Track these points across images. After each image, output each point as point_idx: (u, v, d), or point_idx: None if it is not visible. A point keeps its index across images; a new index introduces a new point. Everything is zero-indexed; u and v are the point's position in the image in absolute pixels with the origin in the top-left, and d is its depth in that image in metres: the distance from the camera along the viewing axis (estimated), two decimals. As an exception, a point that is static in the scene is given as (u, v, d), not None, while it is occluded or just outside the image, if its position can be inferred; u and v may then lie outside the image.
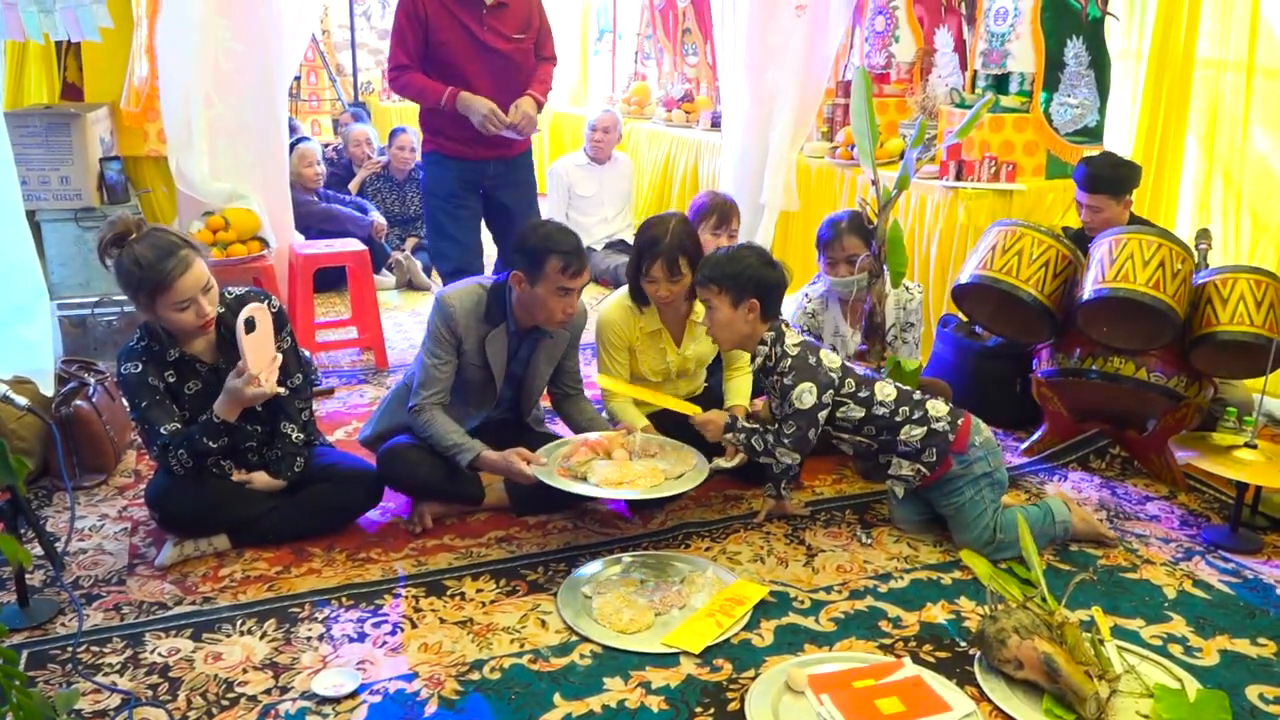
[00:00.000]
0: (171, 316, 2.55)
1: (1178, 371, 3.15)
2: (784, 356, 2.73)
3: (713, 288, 2.74)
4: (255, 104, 4.11)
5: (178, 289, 2.50)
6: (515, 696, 2.16)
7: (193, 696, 2.14)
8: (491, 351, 2.87)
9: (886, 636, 2.40)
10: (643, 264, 2.97)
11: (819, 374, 2.70)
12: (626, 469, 2.68)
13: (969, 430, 2.74)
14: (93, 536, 2.84)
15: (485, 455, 2.76)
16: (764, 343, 2.76)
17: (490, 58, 3.66)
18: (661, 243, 2.92)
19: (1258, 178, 3.98)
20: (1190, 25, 4.07)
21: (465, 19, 3.61)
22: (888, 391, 2.75)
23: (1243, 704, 2.17)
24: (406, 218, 6.13)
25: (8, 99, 4.06)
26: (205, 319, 2.58)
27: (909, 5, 5.27)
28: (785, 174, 5.03)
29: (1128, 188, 3.50)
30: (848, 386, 2.73)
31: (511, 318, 2.87)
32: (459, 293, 2.86)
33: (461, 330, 2.83)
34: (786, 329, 2.78)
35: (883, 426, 2.74)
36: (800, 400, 2.69)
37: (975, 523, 2.72)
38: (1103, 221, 3.49)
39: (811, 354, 2.74)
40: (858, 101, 3.29)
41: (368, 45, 9.59)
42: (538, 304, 2.77)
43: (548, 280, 2.72)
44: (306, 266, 4.31)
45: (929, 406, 2.74)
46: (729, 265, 2.73)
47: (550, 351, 2.99)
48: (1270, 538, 2.90)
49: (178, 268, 2.49)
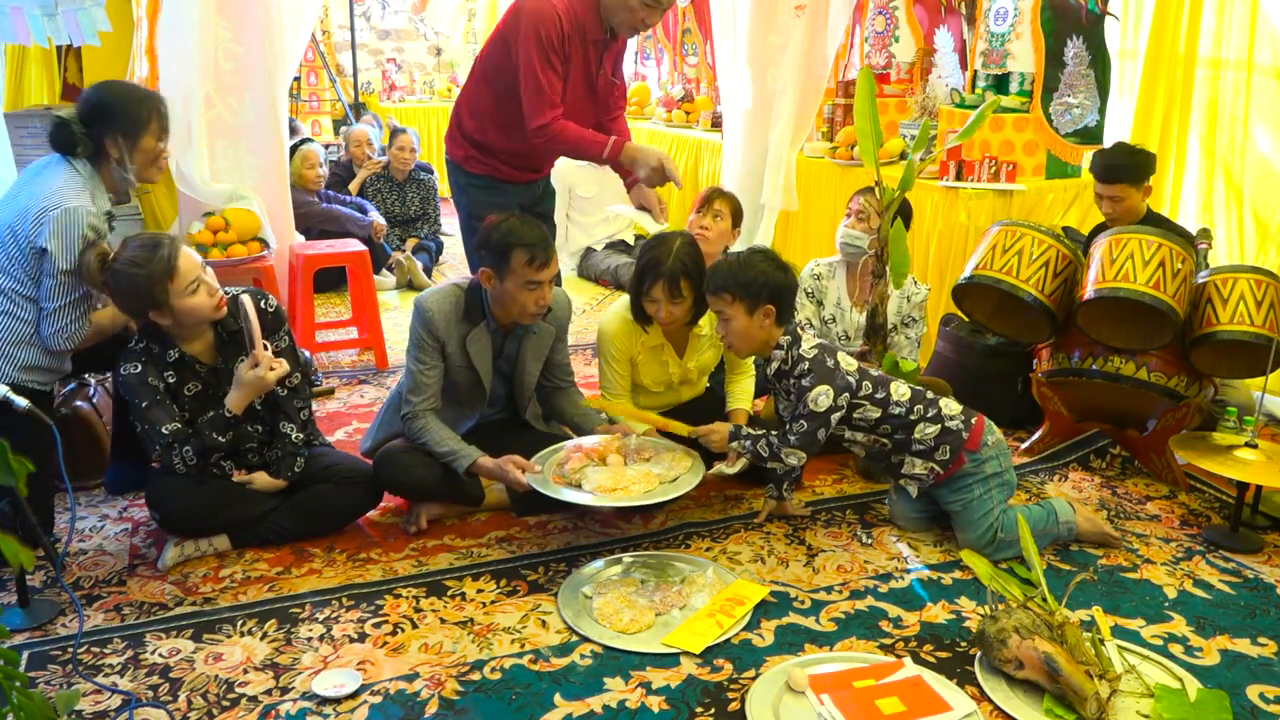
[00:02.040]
0: (188, 304, 2.56)
1: (1178, 371, 3.15)
2: (801, 360, 2.70)
3: (726, 296, 2.69)
4: (255, 105, 4.11)
5: (182, 270, 2.53)
6: (516, 697, 2.16)
7: (193, 697, 2.14)
8: (474, 351, 2.87)
9: (887, 636, 2.40)
10: (644, 283, 2.91)
11: (836, 377, 2.68)
12: (621, 475, 2.68)
13: (983, 429, 2.74)
14: (93, 537, 2.84)
15: (480, 462, 2.76)
16: (779, 346, 2.73)
17: (591, 100, 3.37)
18: (663, 264, 2.86)
19: (1259, 178, 3.98)
20: (1192, 24, 4.07)
21: (590, 56, 3.26)
22: (902, 391, 2.74)
23: (1243, 704, 2.17)
24: (407, 218, 6.13)
25: (8, 100, 4.07)
26: (217, 297, 2.62)
27: (909, 5, 5.27)
28: (785, 174, 5.04)
29: (1145, 174, 3.52)
30: (864, 389, 2.72)
31: (490, 315, 2.87)
32: (436, 296, 2.87)
33: (442, 332, 2.83)
34: (802, 331, 2.76)
35: (898, 426, 2.74)
36: (816, 403, 2.67)
37: (980, 521, 2.72)
38: (1125, 210, 3.51)
39: (829, 356, 2.71)
40: (862, 102, 3.29)
41: (368, 46, 9.60)
42: (509, 299, 2.77)
43: (515, 275, 2.71)
44: (306, 267, 4.31)
45: (942, 405, 2.74)
46: (741, 273, 2.68)
47: (537, 346, 2.99)
48: (1271, 537, 2.90)
49: (171, 253, 2.53)
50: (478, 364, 2.88)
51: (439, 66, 9.87)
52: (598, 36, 3.21)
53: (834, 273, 3.58)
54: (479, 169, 3.37)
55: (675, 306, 2.91)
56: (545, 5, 3.08)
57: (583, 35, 3.16)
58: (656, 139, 6.77)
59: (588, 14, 3.14)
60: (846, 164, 4.85)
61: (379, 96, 9.18)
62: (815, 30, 4.95)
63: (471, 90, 3.34)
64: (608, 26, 3.20)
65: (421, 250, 5.97)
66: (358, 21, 9.30)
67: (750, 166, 5.12)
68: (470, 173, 3.38)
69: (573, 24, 3.12)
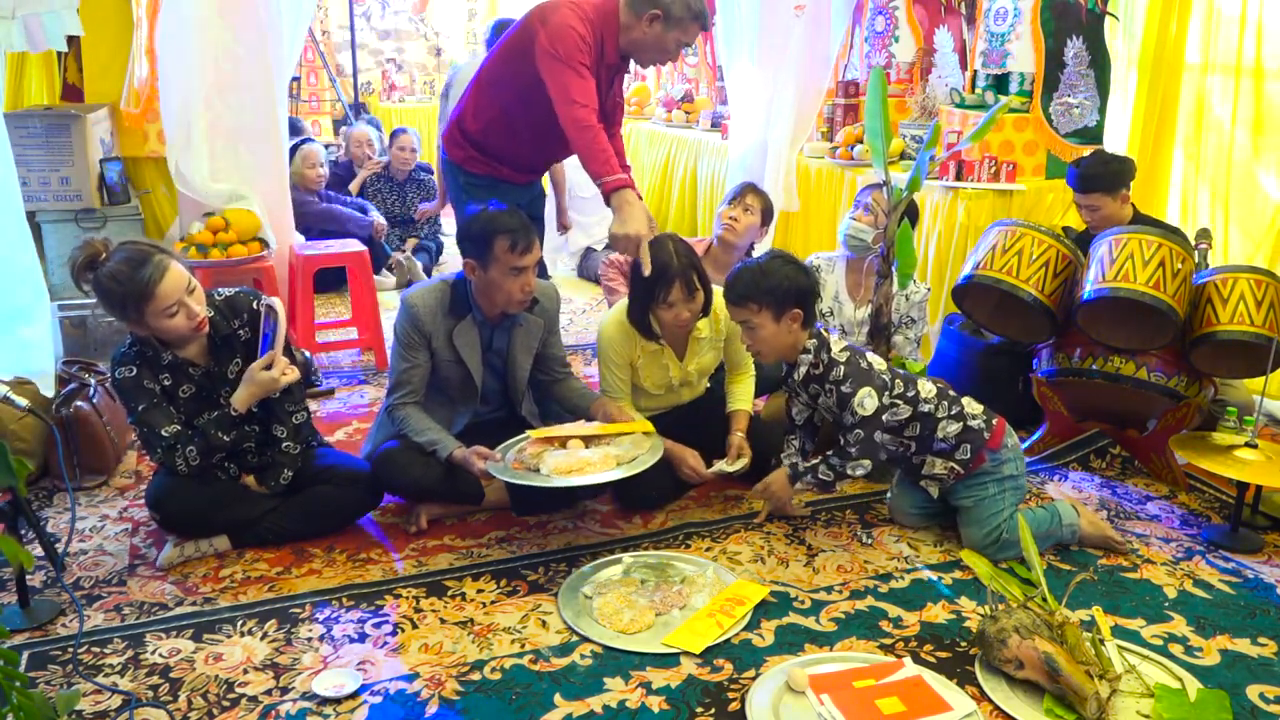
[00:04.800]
0: (164, 325, 2.54)
1: (1178, 371, 3.15)
2: (834, 364, 2.66)
3: (751, 306, 2.64)
4: (255, 105, 4.11)
5: (160, 295, 2.48)
6: (516, 697, 2.16)
7: (193, 697, 2.14)
8: (461, 344, 2.87)
9: (887, 636, 2.40)
10: (657, 292, 2.86)
11: (874, 378, 2.66)
12: (578, 457, 2.67)
13: (1004, 430, 2.75)
14: (93, 537, 2.84)
15: (455, 453, 2.77)
16: (806, 351, 2.70)
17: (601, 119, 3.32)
18: (671, 267, 2.84)
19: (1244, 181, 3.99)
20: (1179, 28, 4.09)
21: (602, 79, 3.25)
22: (928, 389, 2.74)
23: (1243, 704, 2.17)
24: (407, 218, 6.14)
25: (8, 100, 4.06)
26: (197, 320, 2.58)
27: (909, 5, 5.27)
28: (785, 174, 5.04)
29: (1120, 183, 3.51)
30: (897, 387, 2.71)
31: (476, 308, 2.87)
32: (421, 291, 2.88)
33: (428, 327, 2.84)
34: (827, 334, 2.74)
35: (925, 424, 2.73)
36: (862, 406, 2.64)
37: (989, 520, 2.72)
38: (1102, 219, 3.51)
39: (861, 359, 2.68)
40: (873, 102, 3.28)
41: (368, 46, 9.60)
42: (494, 288, 2.78)
43: (498, 262, 2.72)
44: (306, 267, 4.31)
45: (965, 403, 2.74)
46: (765, 280, 2.63)
47: (526, 339, 2.99)
48: (1271, 537, 2.90)
49: (155, 274, 2.47)
50: (466, 358, 2.89)
51: (439, 66, 9.87)
52: (613, 60, 3.25)
53: (833, 267, 3.58)
54: (480, 169, 3.39)
55: (692, 303, 2.91)
56: (576, 17, 3.11)
57: (601, 57, 3.20)
58: (656, 139, 6.77)
59: (608, 38, 3.18)
60: (846, 164, 4.85)
61: (379, 97, 9.18)
62: (815, 30, 4.95)
63: (475, 96, 3.36)
64: (624, 53, 3.25)
65: (421, 250, 5.97)
66: (358, 21, 9.30)
67: (750, 167, 5.11)
68: (471, 173, 3.40)
69: (595, 42, 3.16)
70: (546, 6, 3.18)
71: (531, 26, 3.16)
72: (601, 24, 3.15)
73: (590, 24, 3.12)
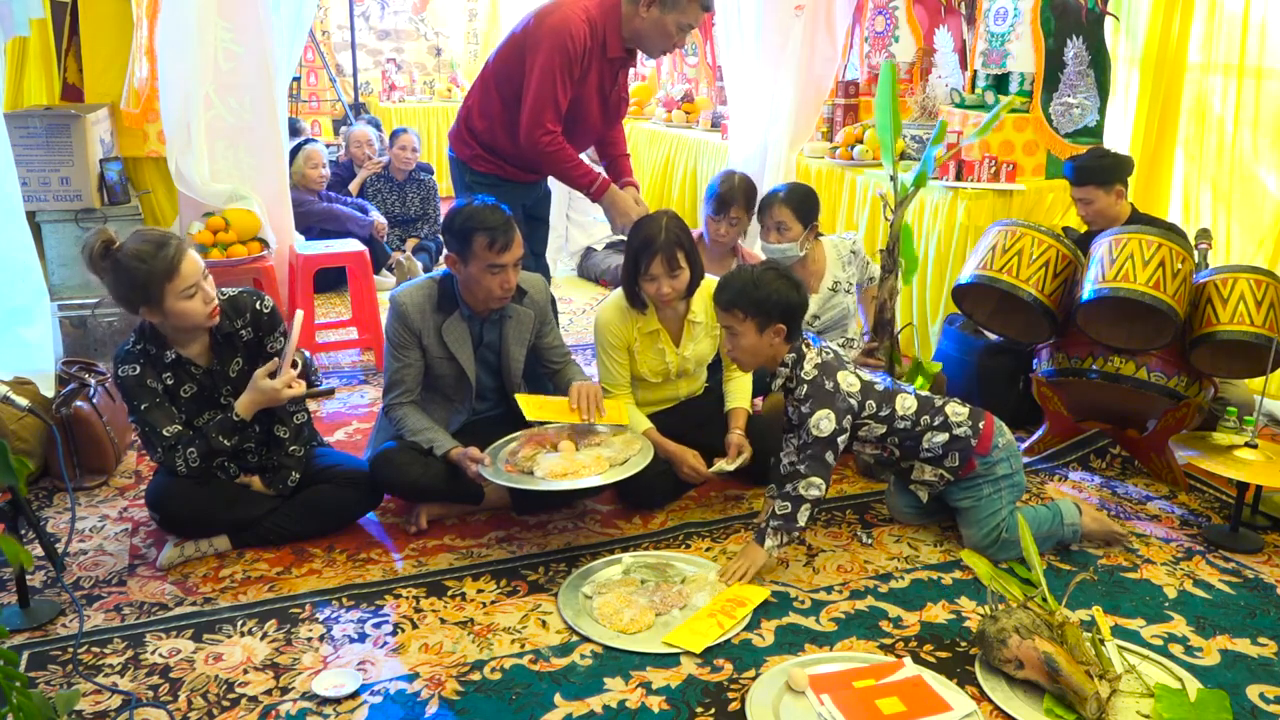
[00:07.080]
0: (181, 306, 2.55)
1: (1178, 371, 3.15)
2: (801, 382, 2.66)
3: (737, 313, 2.63)
4: (255, 105, 4.11)
5: (184, 273, 2.52)
6: (516, 697, 2.16)
7: (193, 697, 2.14)
8: (451, 339, 2.88)
9: (887, 636, 2.40)
10: (640, 263, 2.93)
11: (837, 400, 2.62)
12: (572, 460, 2.69)
13: (992, 431, 2.73)
14: (93, 537, 2.84)
15: (450, 452, 2.77)
16: (784, 364, 2.68)
17: (602, 114, 3.39)
18: (656, 240, 2.89)
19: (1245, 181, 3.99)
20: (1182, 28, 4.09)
21: (605, 73, 3.29)
22: (908, 404, 2.70)
23: (1243, 704, 2.17)
24: (407, 218, 6.14)
25: (8, 100, 4.06)
26: (212, 305, 2.61)
27: (909, 5, 5.26)
28: (785, 174, 5.03)
29: (1114, 177, 3.51)
30: (868, 409, 2.67)
31: (463, 303, 2.88)
32: (409, 290, 2.89)
33: (417, 325, 2.85)
34: (807, 349, 2.68)
35: (905, 437, 2.72)
36: (818, 428, 2.61)
37: (987, 521, 2.72)
38: (1096, 213, 3.52)
39: (829, 379, 2.64)
40: (883, 96, 3.28)
41: (367, 46, 9.59)
42: (474, 283, 2.79)
43: (477, 259, 2.73)
44: (306, 267, 4.31)
45: (949, 412, 2.72)
46: (754, 290, 2.61)
47: (518, 332, 2.98)
48: (1271, 537, 2.90)
49: (177, 253, 2.52)
50: (457, 353, 2.89)
51: (439, 67, 9.87)
52: (617, 54, 3.25)
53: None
54: (485, 168, 3.41)
55: (675, 280, 2.92)
56: (573, 18, 3.11)
57: (603, 52, 3.20)
58: (656, 139, 6.77)
59: (611, 32, 3.18)
60: (847, 164, 4.85)
61: (379, 97, 9.18)
62: (815, 30, 4.95)
63: (481, 93, 3.37)
64: (629, 45, 3.25)
65: (421, 250, 5.97)
66: (357, 22, 9.29)
67: (750, 167, 5.11)
68: (476, 171, 3.41)
69: (596, 41, 3.16)
70: (548, 6, 3.20)
71: (531, 25, 3.18)
72: (603, 19, 3.17)
73: (590, 23, 3.14)
